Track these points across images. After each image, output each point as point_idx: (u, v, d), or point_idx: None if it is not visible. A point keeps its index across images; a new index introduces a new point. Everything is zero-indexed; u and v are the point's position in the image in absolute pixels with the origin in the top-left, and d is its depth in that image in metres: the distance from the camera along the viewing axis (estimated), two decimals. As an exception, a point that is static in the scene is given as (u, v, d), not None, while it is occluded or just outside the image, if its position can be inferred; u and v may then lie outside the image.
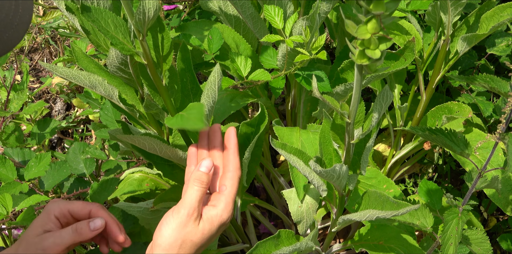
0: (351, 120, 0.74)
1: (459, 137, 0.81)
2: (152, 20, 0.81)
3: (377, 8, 0.54)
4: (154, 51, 0.92)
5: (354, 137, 0.78)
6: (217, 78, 0.86)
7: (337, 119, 0.80)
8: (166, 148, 0.90)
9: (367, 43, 0.58)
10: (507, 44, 1.22)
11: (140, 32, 0.82)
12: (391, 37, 0.57)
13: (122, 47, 0.82)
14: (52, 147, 1.69)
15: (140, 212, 1.04)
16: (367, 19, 0.56)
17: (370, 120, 0.76)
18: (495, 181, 0.81)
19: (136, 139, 0.88)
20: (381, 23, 0.55)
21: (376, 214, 0.81)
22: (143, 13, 0.79)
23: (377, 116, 0.75)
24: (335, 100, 0.72)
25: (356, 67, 0.65)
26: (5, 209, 0.98)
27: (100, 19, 0.78)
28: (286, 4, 1.03)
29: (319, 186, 0.90)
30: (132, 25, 0.81)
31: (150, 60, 0.86)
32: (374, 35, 0.56)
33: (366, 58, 0.60)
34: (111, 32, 0.80)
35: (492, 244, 1.26)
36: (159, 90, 0.91)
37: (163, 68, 0.92)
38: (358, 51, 0.59)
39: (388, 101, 0.75)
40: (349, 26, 0.57)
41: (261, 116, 1.08)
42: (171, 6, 1.37)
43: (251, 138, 1.08)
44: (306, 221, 1.06)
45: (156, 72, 0.89)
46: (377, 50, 0.58)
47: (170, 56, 0.93)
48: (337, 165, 0.78)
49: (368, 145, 0.82)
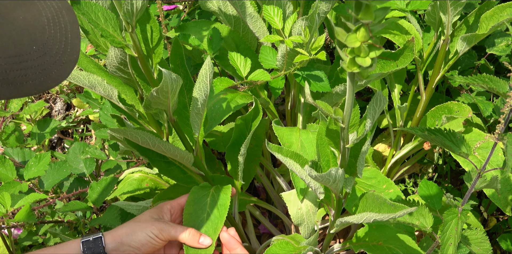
0: (345, 126, 0.74)
1: (458, 137, 0.81)
2: (140, 12, 0.81)
3: (365, 17, 0.54)
4: (144, 45, 0.93)
5: (349, 141, 0.78)
6: (208, 71, 0.86)
7: (331, 124, 0.80)
8: (159, 142, 0.89)
9: (357, 51, 0.58)
10: (506, 44, 1.22)
11: (129, 24, 0.83)
12: (381, 46, 0.57)
13: (112, 39, 0.83)
14: (52, 147, 1.69)
15: (139, 210, 1.04)
16: (356, 27, 0.56)
17: (365, 125, 0.76)
18: (494, 181, 0.81)
19: (128, 133, 0.87)
20: (370, 31, 0.55)
21: (373, 217, 0.81)
22: (131, 4, 0.80)
23: (371, 122, 0.75)
24: (329, 106, 0.72)
25: (348, 75, 0.65)
26: (4, 207, 0.98)
27: (90, 12, 0.80)
28: (285, 4, 1.03)
29: (316, 189, 0.90)
30: (121, 16, 0.81)
31: (140, 53, 0.87)
32: (364, 43, 0.56)
33: (356, 66, 0.59)
34: (101, 25, 0.81)
35: (492, 244, 1.26)
36: (150, 83, 0.91)
37: (154, 61, 0.92)
38: (349, 59, 0.59)
39: (382, 106, 0.75)
40: (339, 34, 0.57)
41: (255, 111, 1.08)
42: (171, 6, 1.37)
43: (246, 133, 1.08)
44: (307, 223, 1.06)
45: (147, 65, 0.89)
46: (368, 58, 0.57)
47: (160, 49, 0.93)
48: (332, 169, 0.78)
49: (364, 149, 0.82)
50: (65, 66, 0.65)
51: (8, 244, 1.14)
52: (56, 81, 0.64)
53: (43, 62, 0.62)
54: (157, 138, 0.89)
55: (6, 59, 0.60)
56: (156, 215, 0.93)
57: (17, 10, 0.62)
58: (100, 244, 0.87)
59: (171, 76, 0.81)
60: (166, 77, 0.80)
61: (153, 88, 0.82)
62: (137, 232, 0.89)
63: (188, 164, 0.99)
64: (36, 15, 0.64)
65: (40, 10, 0.64)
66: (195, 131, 0.96)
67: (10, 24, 0.61)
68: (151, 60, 0.93)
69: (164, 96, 0.84)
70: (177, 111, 0.99)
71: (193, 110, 0.91)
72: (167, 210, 0.95)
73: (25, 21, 0.62)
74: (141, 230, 0.89)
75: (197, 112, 0.92)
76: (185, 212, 0.94)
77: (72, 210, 1.08)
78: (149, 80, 0.91)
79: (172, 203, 0.97)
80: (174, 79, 0.82)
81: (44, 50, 0.63)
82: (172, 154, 0.94)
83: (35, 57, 0.62)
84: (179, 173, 1.04)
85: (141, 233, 0.89)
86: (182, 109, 1.00)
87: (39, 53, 0.62)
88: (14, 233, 1.20)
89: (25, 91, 0.62)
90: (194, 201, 0.95)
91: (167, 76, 0.80)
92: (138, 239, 0.88)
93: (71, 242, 0.90)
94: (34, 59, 0.62)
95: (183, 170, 1.04)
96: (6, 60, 0.60)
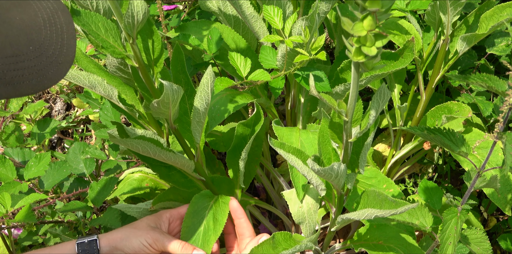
0: (348, 119, 0.74)
1: (457, 137, 0.81)
2: (141, 24, 0.81)
3: (372, 5, 0.54)
4: (145, 54, 0.92)
5: (352, 135, 0.78)
6: (209, 80, 0.86)
7: (335, 117, 0.80)
8: (159, 151, 0.90)
9: (363, 40, 0.58)
10: (506, 44, 1.22)
11: (130, 35, 0.82)
12: (387, 34, 0.57)
13: (113, 50, 0.82)
14: (52, 147, 1.69)
15: (139, 213, 1.04)
16: (363, 16, 0.56)
17: (368, 119, 0.76)
18: (494, 180, 0.81)
19: (129, 143, 0.88)
20: (377, 20, 0.55)
21: (375, 213, 0.81)
22: (131, 17, 0.79)
23: (375, 114, 0.75)
24: (333, 99, 0.72)
25: (353, 65, 0.65)
26: (4, 207, 0.98)
27: (91, 22, 0.79)
28: (285, 4, 1.04)
29: (317, 185, 0.90)
30: (122, 28, 0.81)
31: (141, 63, 0.86)
32: (370, 32, 0.57)
33: (362, 56, 0.60)
34: (102, 35, 0.81)
35: (492, 244, 1.25)
36: (151, 92, 0.91)
37: (155, 71, 0.92)
38: (355, 48, 0.59)
39: (386, 99, 0.75)
40: (345, 24, 0.57)
41: (256, 116, 1.08)
42: (171, 6, 1.37)
43: (248, 138, 1.08)
44: (308, 222, 1.06)
45: (148, 75, 0.89)
46: (373, 47, 0.58)
47: (161, 59, 0.93)
48: (335, 164, 0.78)
49: (367, 142, 0.82)
50: (61, 67, 0.65)
51: (8, 244, 1.14)
52: (53, 82, 0.65)
53: (40, 63, 0.63)
54: (157, 147, 0.89)
55: (3, 59, 0.60)
56: (154, 223, 0.94)
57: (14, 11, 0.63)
58: (95, 246, 0.89)
59: (172, 88, 0.81)
60: (167, 89, 0.80)
61: (154, 100, 0.82)
62: (131, 239, 0.90)
63: (189, 171, 0.99)
64: (32, 15, 0.64)
65: (36, 11, 0.65)
66: (197, 139, 0.96)
67: (7, 24, 0.61)
68: (152, 70, 0.93)
69: (165, 107, 0.85)
70: (178, 118, 1.00)
71: (194, 119, 0.92)
72: (165, 218, 0.97)
73: (21, 21, 0.62)
74: (136, 237, 0.90)
75: (198, 120, 0.92)
76: (184, 225, 0.96)
77: (72, 210, 1.08)
78: (150, 89, 0.91)
79: (172, 212, 0.98)
80: (175, 91, 0.82)
81: (41, 50, 0.63)
82: (173, 162, 0.94)
83: (32, 57, 0.62)
84: (180, 177, 1.04)
85: (136, 240, 0.90)
86: (183, 116, 1.00)
87: (36, 54, 0.63)
88: (14, 233, 1.20)
89: (22, 91, 0.62)
90: (193, 214, 0.97)
91: (168, 88, 0.80)
92: (132, 246, 0.90)
93: (67, 244, 0.91)
94: (30, 60, 0.62)
95: (184, 174, 1.05)
96: (3, 61, 0.60)
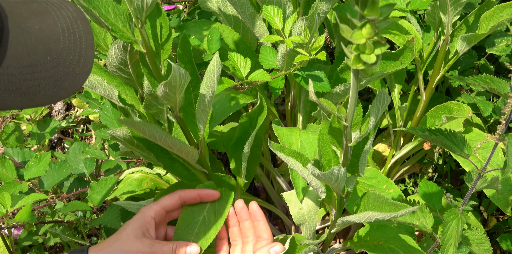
0: (348, 124, 0.74)
1: (458, 137, 0.80)
2: (150, 7, 0.81)
3: (371, 13, 0.54)
4: (153, 41, 0.92)
5: (351, 139, 0.77)
6: (216, 67, 0.86)
7: (334, 122, 0.80)
8: (165, 136, 0.89)
9: (362, 48, 0.58)
10: (506, 44, 1.22)
11: (139, 19, 0.82)
12: (386, 42, 0.57)
13: (121, 34, 0.83)
14: (52, 147, 1.69)
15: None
16: (362, 24, 0.56)
17: (368, 123, 0.76)
18: (495, 182, 0.81)
19: (136, 125, 0.87)
20: (376, 28, 0.55)
21: (375, 216, 0.80)
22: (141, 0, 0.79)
23: (374, 120, 0.75)
24: (332, 104, 0.72)
25: (352, 72, 0.65)
26: (4, 207, 0.98)
27: (101, 6, 0.79)
28: (285, 4, 1.03)
29: (317, 188, 0.90)
30: (131, 12, 0.81)
31: (149, 49, 0.86)
32: (369, 40, 0.56)
33: (361, 63, 0.59)
34: (111, 19, 0.81)
35: (492, 244, 1.26)
36: (158, 79, 0.90)
37: (162, 58, 0.92)
38: (354, 56, 0.59)
39: (385, 104, 0.75)
40: (344, 31, 0.57)
41: (259, 108, 1.08)
42: (171, 6, 1.37)
43: (250, 131, 1.08)
44: (309, 223, 1.06)
45: (155, 62, 0.89)
46: (373, 55, 0.57)
47: (168, 45, 0.93)
48: (335, 168, 0.78)
49: (366, 147, 0.81)
50: (78, 77, 0.64)
51: (8, 244, 1.14)
52: (69, 92, 0.63)
53: (57, 73, 0.62)
54: (164, 131, 0.89)
55: (20, 69, 0.59)
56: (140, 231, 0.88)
57: (32, 20, 0.62)
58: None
59: (179, 71, 0.80)
60: (174, 71, 0.79)
61: (162, 82, 0.82)
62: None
63: (193, 161, 0.98)
64: (51, 25, 0.63)
65: (56, 20, 0.64)
66: (201, 127, 0.95)
67: (25, 34, 0.60)
68: (159, 57, 0.93)
69: (172, 91, 0.84)
70: (182, 109, 0.99)
71: (199, 106, 0.91)
72: (150, 219, 0.89)
73: (40, 31, 0.61)
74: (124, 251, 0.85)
75: (203, 108, 0.91)
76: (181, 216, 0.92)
77: (72, 210, 1.08)
78: (157, 76, 0.91)
79: (156, 208, 0.91)
80: (182, 74, 0.81)
81: (58, 60, 0.62)
82: (177, 149, 0.93)
83: (49, 67, 0.61)
84: (183, 170, 1.04)
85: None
86: (188, 107, 1.00)
87: (53, 64, 0.62)
88: (14, 233, 1.20)
89: (38, 102, 0.61)
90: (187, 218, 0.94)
91: (175, 70, 0.79)
92: None
93: None
94: (47, 70, 0.61)
95: (187, 167, 1.04)
96: (19, 70, 0.59)
